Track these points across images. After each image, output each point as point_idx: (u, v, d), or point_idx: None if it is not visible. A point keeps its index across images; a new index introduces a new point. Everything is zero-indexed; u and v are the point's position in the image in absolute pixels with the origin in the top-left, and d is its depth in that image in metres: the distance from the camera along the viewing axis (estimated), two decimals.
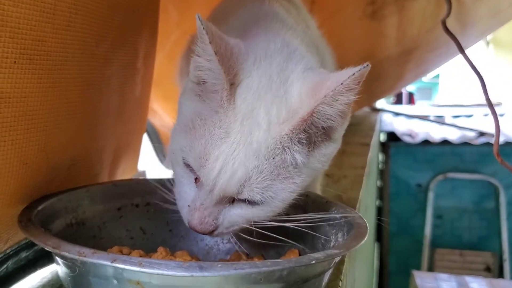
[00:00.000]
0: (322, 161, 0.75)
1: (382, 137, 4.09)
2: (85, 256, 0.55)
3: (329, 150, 0.75)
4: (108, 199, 0.87)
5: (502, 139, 3.64)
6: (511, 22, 2.52)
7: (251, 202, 0.71)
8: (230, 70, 0.69)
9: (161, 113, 1.95)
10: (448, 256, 3.89)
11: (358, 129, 2.83)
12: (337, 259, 0.66)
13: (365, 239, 0.68)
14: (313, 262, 0.58)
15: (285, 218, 0.75)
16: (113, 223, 0.86)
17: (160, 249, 0.74)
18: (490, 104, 0.78)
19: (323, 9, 2.11)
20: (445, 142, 3.82)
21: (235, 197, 0.71)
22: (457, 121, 4.35)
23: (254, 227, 0.74)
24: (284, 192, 0.71)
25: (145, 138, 1.93)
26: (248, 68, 0.72)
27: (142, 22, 1.01)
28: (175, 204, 0.78)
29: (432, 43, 2.71)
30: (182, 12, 1.68)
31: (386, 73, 2.73)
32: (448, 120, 4.44)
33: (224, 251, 0.91)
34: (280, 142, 0.69)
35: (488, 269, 3.79)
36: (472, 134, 3.88)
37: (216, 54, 0.66)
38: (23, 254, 0.83)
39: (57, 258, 0.63)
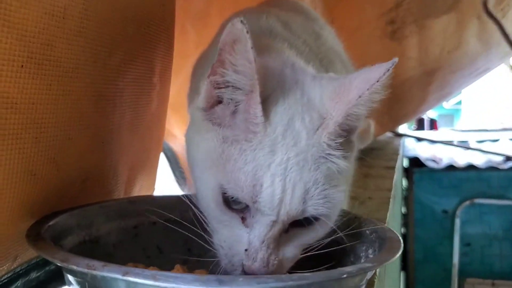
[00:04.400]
0: (352, 164, 0.72)
1: (405, 163, 4.01)
2: (94, 269, 0.51)
3: (354, 153, 0.72)
4: (123, 216, 0.83)
5: None
6: None
7: (306, 225, 0.67)
8: (260, 84, 0.64)
9: (182, 138, 1.92)
10: (479, 286, 3.74)
11: (382, 153, 2.80)
12: (369, 276, 0.61)
13: (399, 253, 0.63)
14: (345, 276, 0.53)
15: None
16: (129, 241, 0.82)
17: (177, 267, 0.69)
18: None
19: (342, 27, 2.09)
20: (471, 167, 3.74)
21: (299, 218, 0.66)
22: (482, 146, 4.26)
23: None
24: (339, 203, 0.68)
25: (162, 162, 1.90)
26: (268, 82, 0.68)
27: (157, 36, 0.98)
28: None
29: (455, 64, 2.68)
30: (200, 31, 1.66)
31: (408, 95, 2.70)
32: (472, 145, 4.35)
33: None
34: (322, 150, 0.66)
35: None
36: (499, 159, 3.78)
37: (255, 61, 0.61)
38: (33, 274, 0.79)
39: (67, 275, 0.59)
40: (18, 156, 0.62)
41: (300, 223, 0.67)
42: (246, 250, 0.65)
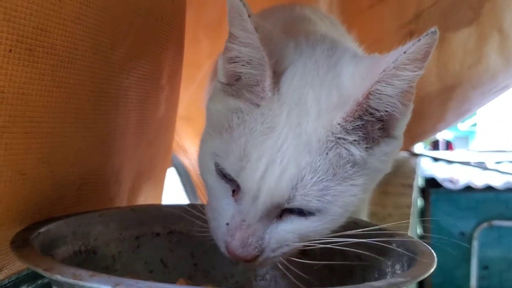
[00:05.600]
0: (383, 161, 0.64)
1: (421, 183, 3.93)
2: (81, 279, 0.43)
3: (390, 148, 0.64)
4: (124, 225, 0.76)
5: None
6: None
7: (304, 213, 0.60)
8: (272, 55, 0.59)
9: (193, 151, 1.85)
10: None
11: (399, 171, 2.69)
12: None
13: (434, 267, 0.56)
14: None
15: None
16: (130, 253, 0.75)
17: (180, 281, 0.62)
18: None
19: (361, 39, 2.04)
20: (489, 188, 3.67)
21: (286, 206, 0.59)
22: (500, 167, 4.15)
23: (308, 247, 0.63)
24: (345, 196, 0.60)
25: (172, 178, 1.83)
26: (290, 55, 0.64)
27: (167, 34, 0.92)
28: (203, 231, 0.67)
29: (475, 80, 2.60)
30: (214, 41, 1.60)
31: (427, 111, 2.61)
32: (489, 166, 4.25)
33: None
34: (332, 132, 0.58)
35: None
36: None
37: (256, 31, 0.57)
38: None
39: None
40: (5, 152, 0.55)
41: (296, 212, 0.60)
42: (227, 224, 0.60)
